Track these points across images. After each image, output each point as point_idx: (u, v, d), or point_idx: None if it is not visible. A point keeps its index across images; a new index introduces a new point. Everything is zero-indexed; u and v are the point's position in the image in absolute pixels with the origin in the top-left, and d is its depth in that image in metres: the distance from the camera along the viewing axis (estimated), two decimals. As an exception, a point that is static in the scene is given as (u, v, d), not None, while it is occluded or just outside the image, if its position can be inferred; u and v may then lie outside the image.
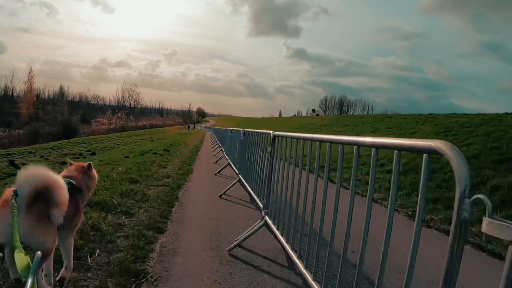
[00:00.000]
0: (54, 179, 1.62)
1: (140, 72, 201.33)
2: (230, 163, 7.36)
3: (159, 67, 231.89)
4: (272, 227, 2.84)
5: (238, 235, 3.22)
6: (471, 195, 0.88)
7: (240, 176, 5.30)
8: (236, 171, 6.02)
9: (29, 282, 0.97)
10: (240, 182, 5.31)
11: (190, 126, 68.60)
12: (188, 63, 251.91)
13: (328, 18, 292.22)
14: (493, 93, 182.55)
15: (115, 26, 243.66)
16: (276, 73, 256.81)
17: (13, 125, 48.74)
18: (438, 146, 1.01)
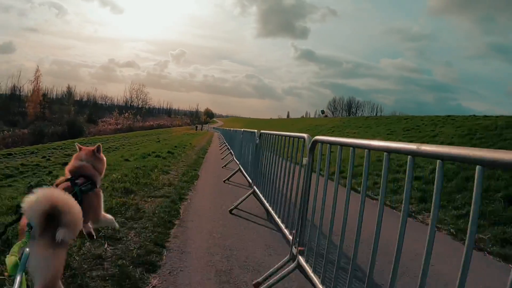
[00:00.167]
0: (63, 199, 1.56)
1: (148, 72, 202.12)
2: (241, 169, 6.44)
3: (167, 68, 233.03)
4: (312, 277, 1.92)
5: (258, 274, 2.36)
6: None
7: (255, 187, 4.38)
8: (249, 180, 5.11)
9: (17, 279, 1.05)
10: (255, 195, 4.40)
11: (197, 127, 67.78)
12: (197, 63, 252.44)
13: (336, 20, 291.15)
14: (501, 95, 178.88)
15: (124, 26, 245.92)
16: (284, 74, 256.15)
17: (19, 124, 48.65)
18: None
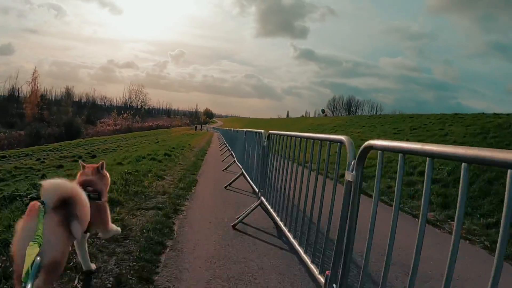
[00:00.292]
0: (80, 194, 1.63)
1: (147, 73, 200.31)
2: (244, 173, 5.78)
3: (166, 68, 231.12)
4: None
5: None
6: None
7: (263, 198, 3.72)
8: (255, 189, 4.43)
9: (28, 287, 1.10)
10: (262, 206, 3.74)
11: (197, 127, 67.03)
12: (196, 64, 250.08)
13: (335, 19, 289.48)
14: (501, 93, 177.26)
15: (123, 27, 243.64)
16: (284, 74, 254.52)
17: (17, 126, 47.96)
18: None
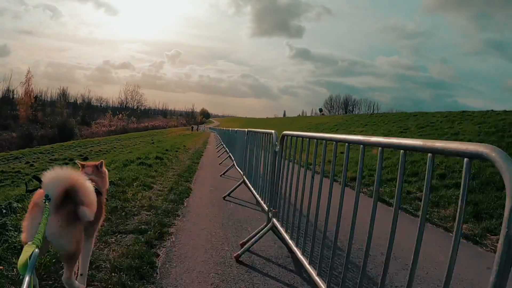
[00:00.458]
0: (82, 181, 1.61)
1: (143, 73, 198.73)
2: (246, 182, 4.91)
3: (162, 69, 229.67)
4: None
5: None
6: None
7: (275, 221, 2.85)
8: (264, 206, 3.53)
9: (26, 279, 1.02)
10: (275, 230, 2.89)
11: (193, 127, 66.04)
12: (192, 64, 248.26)
13: (331, 18, 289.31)
14: (497, 91, 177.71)
15: (119, 28, 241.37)
16: (280, 73, 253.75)
17: (10, 128, 46.96)
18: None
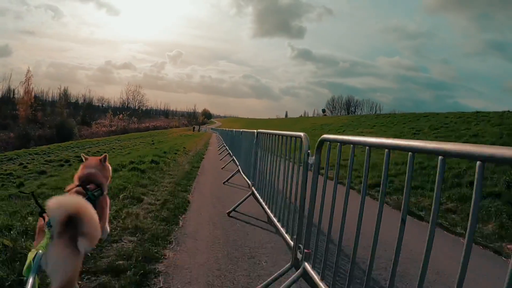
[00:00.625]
0: (86, 209, 1.58)
1: (145, 74, 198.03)
2: (257, 198, 4.01)
3: (164, 69, 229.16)
4: None
5: None
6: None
7: (307, 266, 1.96)
8: (289, 240, 2.61)
9: (30, 281, 1.08)
10: (307, 278, 2.00)
11: (195, 128, 65.18)
12: (194, 64, 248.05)
13: (332, 19, 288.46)
14: (498, 92, 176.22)
15: (120, 28, 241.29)
16: (281, 74, 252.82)
17: (9, 127, 46.36)
18: None
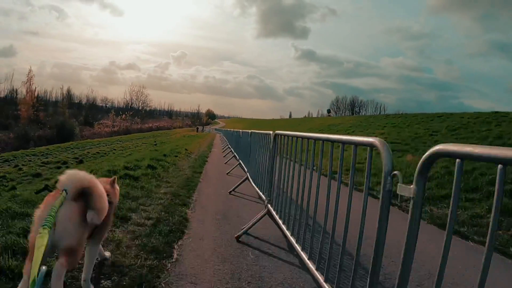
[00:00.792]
0: (98, 185, 1.64)
1: (149, 74, 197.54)
2: (275, 218, 3.15)
3: (168, 70, 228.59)
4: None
5: None
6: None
7: None
8: (317, 276, 1.78)
9: None
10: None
11: (198, 128, 64.44)
12: (198, 65, 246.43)
13: (336, 19, 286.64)
14: (502, 92, 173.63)
15: (124, 29, 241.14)
16: (285, 74, 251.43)
17: (11, 127, 46.04)
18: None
